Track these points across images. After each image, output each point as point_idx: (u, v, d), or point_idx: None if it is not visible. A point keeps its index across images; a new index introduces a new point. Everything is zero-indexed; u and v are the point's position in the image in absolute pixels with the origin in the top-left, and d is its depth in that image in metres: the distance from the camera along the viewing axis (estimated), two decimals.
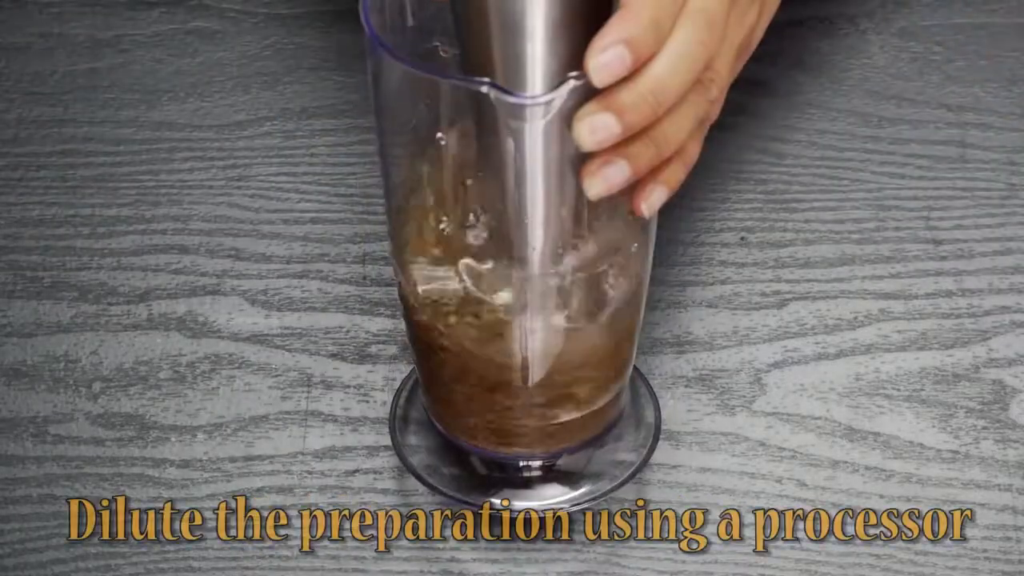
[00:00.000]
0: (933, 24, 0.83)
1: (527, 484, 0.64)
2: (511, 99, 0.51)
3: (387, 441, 0.68)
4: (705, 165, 0.59)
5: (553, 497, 0.64)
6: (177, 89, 0.81)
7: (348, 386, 0.70)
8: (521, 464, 0.64)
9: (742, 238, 0.75)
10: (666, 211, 0.59)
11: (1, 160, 0.79)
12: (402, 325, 0.72)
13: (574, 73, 0.51)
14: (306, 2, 0.85)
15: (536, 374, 0.59)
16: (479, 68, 0.53)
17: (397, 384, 0.70)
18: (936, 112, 0.79)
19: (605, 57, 0.50)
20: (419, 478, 0.65)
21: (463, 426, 0.63)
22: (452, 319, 0.58)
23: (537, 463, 0.64)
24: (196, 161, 0.78)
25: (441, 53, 0.57)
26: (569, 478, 0.65)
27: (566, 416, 0.62)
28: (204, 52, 0.83)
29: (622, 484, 0.64)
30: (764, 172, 0.77)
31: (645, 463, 0.65)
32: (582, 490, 0.64)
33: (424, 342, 0.60)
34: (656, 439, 0.65)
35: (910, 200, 0.76)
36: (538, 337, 0.58)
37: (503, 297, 0.57)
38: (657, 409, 0.66)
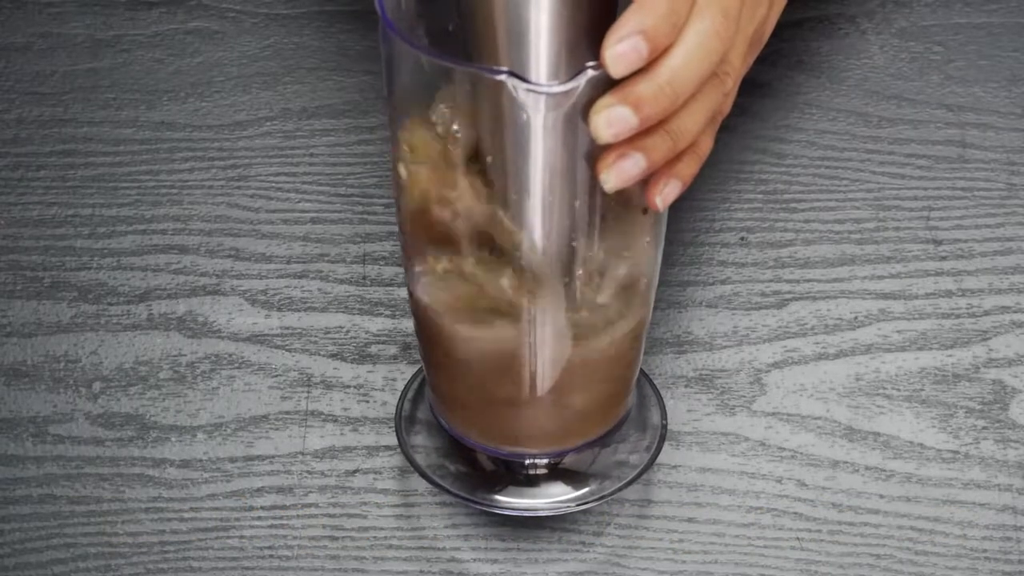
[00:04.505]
0: (933, 24, 0.83)
1: (533, 482, 0.64)
2: (528, 87, 0.51)
3: (387, 441, 0.68)
4: (705, 165, 0.59)
5: (558, 496, 0.64)
6: (177, 89, 0.81)
7: (348, 386, 0.70)
8: (527, 462, 0.64)
9: (742, 238, 0.75)
10: (661, 217, 0.59)
11: (1, 160, 0.79)
12: (401, 325, 0.72)
13: (591, 63, 0.51)
14: (306, 2, 0.85)
15: (545, 373, 0.59)
16: (483, 44, 0.53)
17: (397, 384, 0.70)
18: (936, 112, 0.79)
19: (621, 48, 0.50)
20: (425, 476, 0.65)
21: (470, 424, 0.63)
22: (462, 317, 0.58)
23: (543, 461, 0.64)
24: (196, 161, 0.78)
25: (455, 38, 0.57)
26: (574, 477, 0.65)
27: (573, 415, 0.62)
28: (204, 52, 0.83)
29: (628, 484, 0.64)
30: (764, 172, 0.77)
31: (650, 465, 0.65)
32: (587, 489, 0.64)
33: (432, 342, 0.60)
34: (662, 441, 0.65)
35: (910, 200, 0.76)
36: (547, 331, 0.58)
37: (511, 288, 0.57)
38: (663, 411, 0.66)
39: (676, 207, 0.60)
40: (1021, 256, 0.74)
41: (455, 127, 0.55)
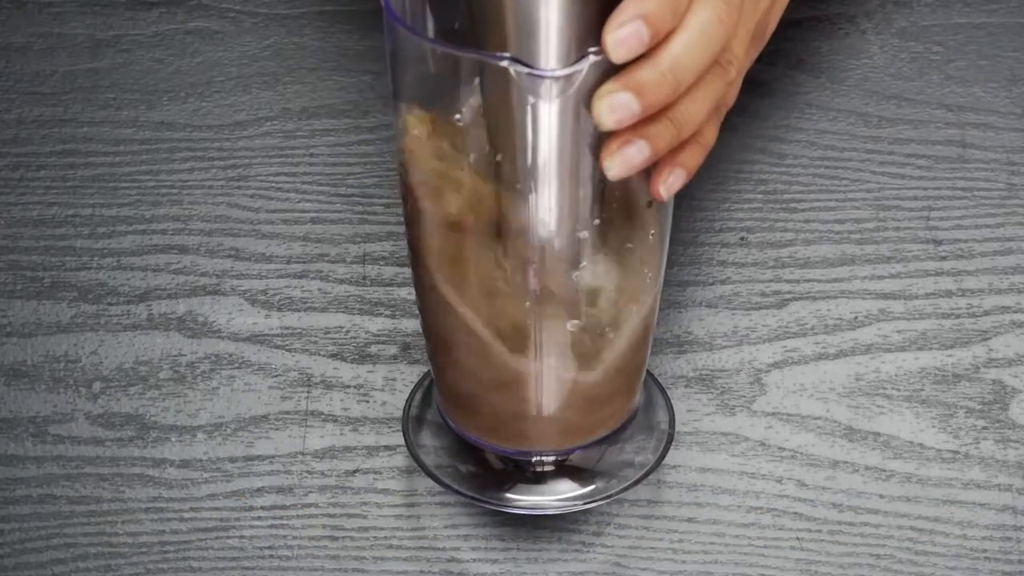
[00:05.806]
0: (933, 24, 0.83)
1: (539, 480, 0.64)
2: (531, 73, 0.51)
3: (387, 441, 0.68)
4: (705, 165, 0.59)
5: (565, 493, 0.64)
6: (177, 89, 0.81)
7: (348, 386, 0.70)
8: (534, 459, 0.64)
9: (742, 238, 0.75)
10: (666, 210, 0.59)
11: (1, 160, 0.79)
12: (401, 325, 0.72)
13: (593, 49, 0.51)
14: (306, 2, 0.85)
15: (552, 365, 0.59)
16: (491, 41, 0.53)
17: (397, 384, 0.70)
18: (936, 112, 0.79)
19: (622, 33, 0.50)
20: (433, 477, 0.65)
21: (477, 422, 0.63)
22: (470, 311, 0.58)
23: (550, 458, 0.64)
24: (196, 161, 0.78)
25: (461, 36, 0.57)
26: (581, 475, 0.65)
27: (581, 411, 0.62)
28: (204, 52, 0.83)
29: (636, 483, 0.64)
30: (764, 172, 0.77)
31: (658, 464, 0.65)
32: (594, 487, 0.64)
33: (440, 345, 0.60)
34: (670, 441, 0.65)
35: (910, 200, 0.76)
36: (554, 324, 0.58)
37: (518, 281, 0.57)
38: (671, 413, 0.66)
39: (676, 206, 0.60)
40: (1021, 256, 0.74)
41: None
